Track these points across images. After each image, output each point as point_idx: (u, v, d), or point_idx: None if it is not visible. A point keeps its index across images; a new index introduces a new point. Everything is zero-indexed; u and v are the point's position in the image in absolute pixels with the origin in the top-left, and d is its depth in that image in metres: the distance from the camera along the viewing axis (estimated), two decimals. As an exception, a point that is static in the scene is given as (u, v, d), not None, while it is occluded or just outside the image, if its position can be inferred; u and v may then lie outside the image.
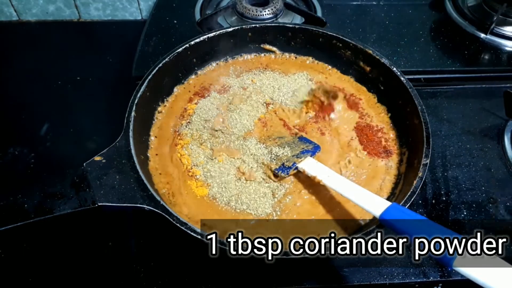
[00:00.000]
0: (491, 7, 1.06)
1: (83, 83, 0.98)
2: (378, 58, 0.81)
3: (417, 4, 1.13)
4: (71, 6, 1.16)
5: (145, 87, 0.75)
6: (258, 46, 0.91)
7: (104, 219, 0.72)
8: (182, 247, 0.68)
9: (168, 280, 0.66)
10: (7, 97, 0.97)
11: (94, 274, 0.68)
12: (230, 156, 0.75)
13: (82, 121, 0.90)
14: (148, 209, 0.60)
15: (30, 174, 0.79)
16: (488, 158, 0.81)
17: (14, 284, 0.67)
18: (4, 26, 1.18)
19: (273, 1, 1.04)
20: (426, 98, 0.91)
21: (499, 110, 0.87)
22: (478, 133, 0.85)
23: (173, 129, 0.79)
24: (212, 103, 0.82)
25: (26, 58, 1.06)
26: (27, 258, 0.70)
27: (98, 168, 0.63)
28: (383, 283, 0.66)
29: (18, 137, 0.88)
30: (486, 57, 1.00)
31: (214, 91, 0.86)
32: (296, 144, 0.75)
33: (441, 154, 0.82)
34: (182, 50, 0.82)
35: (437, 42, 1.02)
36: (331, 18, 1.06)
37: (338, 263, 0.68)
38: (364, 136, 0.79)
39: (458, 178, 0.78)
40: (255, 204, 0.69)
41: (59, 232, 0.71)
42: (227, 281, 0.66)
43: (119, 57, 1.04)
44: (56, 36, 1.15)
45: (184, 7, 1.09)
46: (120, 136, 0.67)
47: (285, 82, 0.86)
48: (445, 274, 0.66)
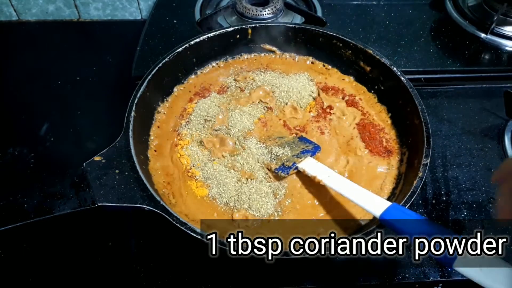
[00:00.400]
0: (491, 7, 1.05)
1: (83, 83, 0.98)
2: (379, 58, 0.81)
3: (417, 4, 1.13)
4: (71, 6, 1.16)
5: (145, 87, 0.75)
6: (258, 46, 0.91)
7: (104, 219, 0.72)
8: (182, 247, 0.68)
9: (168, 280, 0.66)
10: (7, 97, 0.97)
11: (94, 274, 0.67)
12: (230, 155, 0.75)
13: (82, 121, 0.90)
14: (148, 209, 0.60)
15: (30, 174, 0.79)
16: (489, 158, 0.81)
17: (14, 284, 0.67)
18: (4, 26, 1.18)
19: (273, 1, 1.03)
20: (426, 98, 0.91)
21: (499, 110, 0.87)
22: (478, 133, 0.85)
23: (173, 129, 0.79)
24: (212, 103, 0.82)
25: (26, 58, 1.05)
26: (27, 258, 0.70)
27: (98, 168, 0.63)
28: (383, 283, 0.66)
29: (18, 137, 0.88)
30: (487, 57, 0.99)
31: (214, 91, 0.86)
32: (296, 144, 0.75)
33: (441, 154, 0.82)
34: (182, 50, 0.82)
35: (437, 42, 1.02)
36: (331, 18, 1.06)
37: (338, 263, 0.68)
38: (367, 134, 0.79)
39: (458, 178, 0.78)
40: (258, 205, 0.69)
41: (59, 232, 0.71)
42: (227, 281, 0.66)
43: (119, 57, 1.04)
44: (56, 36, 1.15)
45: (184, 7, 1.09)
46: (120, 136, 0.67)
47: (286, 82, 0.86)
48: (445, 274, 0.66)
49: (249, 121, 0.80)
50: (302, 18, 1.05)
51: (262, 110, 0.82)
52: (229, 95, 0.84)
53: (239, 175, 0.72)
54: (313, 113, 0.82)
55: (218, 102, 0.83)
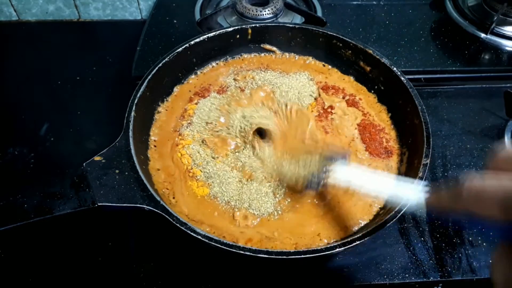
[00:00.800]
0: (491, 7, 1.05)
1: (83, 83, 0.98)
2: (379, 58, 0.81)
3: (417, 4, 1.13)
4: (71, 6, 1.16)
5: (145, 87, 0.75)
6: (258, 46, 0.91)
7: (104, 219, 0.72)
8: (182, 247, 0.68)
9: (168, 280, 0.66)
10: (7, 97, 0.97)
11: (94, 274, 0.67)
12: (233, 152, 0.75)
13: (82, 121, 0.90)
14: (148, 209, 0.60)
15: (30, 174, 0.79)
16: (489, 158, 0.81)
17: (14, 284, 0.67)
18: (4, 26, 1.18)
19: (273, 1, 1.04)
20: (426, 98, 0.91)
21: (499, 110, 0.87)
22: (478, 133, 0.85)
23: (174, 129, 0.79)
24: (213, 103, 0.82)
25: (26, 58, 1.05)
26: (27, 258, 0.70)
27: (98, 168, 0.63)
28: (383, 283, 0.66)
29: (18, 137, 0.88)
30: (487, 57, 0.99)
31: (214, 91, 0.86)
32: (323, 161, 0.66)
33: (442, 154, 0.82)
34: (182, 50, 0.82)
35: (437, 42, 1.02)
36: (331, 18, 1.06)
37: (338, 263, 0.68)
38: (367, 135, 0.79)
39: (458, 178, 0.78)
40: (258, 204, 0.69)
41: (59, 232, 0.71)
42: (227, 281, 0.66)
43: (119, 57, 1.04)
44: (56, 36, 1.15)
45: (184, 7, 1.09)
46: (120, 136, 0.67)
47: (286, 81, 0.86)
48: (445, 274, 0.66)
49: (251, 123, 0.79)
50: (302, 18, 1.05)
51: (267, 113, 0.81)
52: (229, 95, 0.84)
53: (241, 175, 0.72)
54: (315, 113, 0.82)
55: (218, 103, 0.82)
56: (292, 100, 0.83)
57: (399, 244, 0.69)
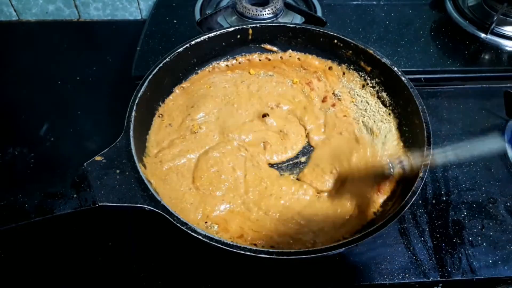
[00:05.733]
0: (491, 7, 1.05)
1: (83, 83, 0.98)
2: (379, 58, 0.81)
3: (417, 4, 1.13)
4: (71, 6, 1.16)
5: (146, 86, 0.74)
6: (258, 46, 0.91)
7: (104, 219, 0.72)
8: (182, 247, 0.68)
9: (168, 280, 0.66)
10: (7, 97, 0.97)
11: (94, 274, 0.67)
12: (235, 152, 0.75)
13: (82, 121, 0.90)
14: (148, 209, 0.60)
15: (30, 174, 0.79)
16: (488, 158, 0.81)
17: (14, 284, 0.67)
18: (4, 26, 1.18)
19: (273, 1, 1.03)
20: (427, 98, 0.91)
21: (499, 110, 0.87)
22: (478, 133, 0.85)
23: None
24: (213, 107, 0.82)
25: (26, 58, 1.05)
26: (27, 258, 0.70)
27: (98, 168, 0.63)
28: (383, 283, 0.66)
29: (18, 137, 0.88)
30: (486, 57, 0.99)
31: (214, 91, 0.85)
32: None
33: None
34: (183, 50, 0.82)
35: (437, 42, 1.02)
36: (331, 18, 1.06)
37: (338, 263, 0.68)
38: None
39: (458, 178, 0.78)
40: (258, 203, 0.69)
41: (59, 232, 0.71)
42: (227, 281, 0.66)
43: (119, 57, 1.04)
44: (56, 36, 1.15)
45: (184, 7, 1.08)
46: (121, 136, 0.67)
47: (286, 81, 0.86)
48: (445, 274, 0.66)
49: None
50: (302, 18, 1.05)
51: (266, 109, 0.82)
52: (229, 95, 0.84)
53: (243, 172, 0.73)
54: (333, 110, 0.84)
55: (219, 102, 0.82)
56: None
57: (399, 244, 0.69)
